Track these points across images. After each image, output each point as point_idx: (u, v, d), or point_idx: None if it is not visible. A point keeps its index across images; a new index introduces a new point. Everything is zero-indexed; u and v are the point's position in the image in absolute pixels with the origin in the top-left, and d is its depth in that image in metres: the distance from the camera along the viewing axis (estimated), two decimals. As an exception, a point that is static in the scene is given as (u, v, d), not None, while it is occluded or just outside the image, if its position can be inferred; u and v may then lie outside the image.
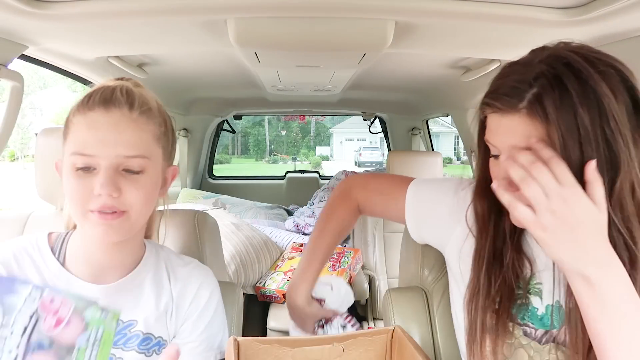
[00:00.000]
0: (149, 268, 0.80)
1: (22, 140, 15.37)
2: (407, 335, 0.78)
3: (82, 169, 0.67)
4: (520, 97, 0.60)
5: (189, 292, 0.81)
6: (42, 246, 0.76)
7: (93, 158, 0.67)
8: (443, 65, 1.66)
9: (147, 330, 0.76)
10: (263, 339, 0.74)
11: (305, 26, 1.08)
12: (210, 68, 1.85)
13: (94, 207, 0.67)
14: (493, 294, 0.72)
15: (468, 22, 1.04)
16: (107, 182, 0.66)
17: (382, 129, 3.59)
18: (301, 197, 3.32)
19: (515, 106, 0.60)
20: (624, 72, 0.60)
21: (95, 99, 0.69)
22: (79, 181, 0.67)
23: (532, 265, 0.73)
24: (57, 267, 0.74)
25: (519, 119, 0.60)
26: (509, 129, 0.62)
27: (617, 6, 0.84)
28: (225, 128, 3.48)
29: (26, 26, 1.01)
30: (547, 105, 0.58)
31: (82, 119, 0.68)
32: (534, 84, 0.59)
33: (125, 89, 0.72)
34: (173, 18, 1.04)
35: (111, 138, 0.67)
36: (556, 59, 0.60)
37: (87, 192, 0.67)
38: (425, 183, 0.91)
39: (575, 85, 0.58)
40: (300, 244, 2.16)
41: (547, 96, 0.58)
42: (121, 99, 0.69)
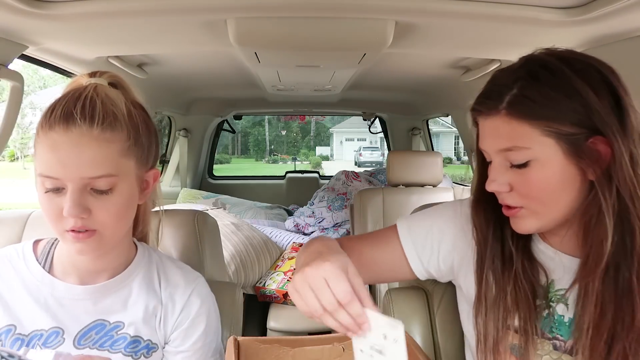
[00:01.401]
0: (139, 271, 0.79)
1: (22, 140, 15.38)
2: (407, 335, 0.77)
3: (51, 190, 0.65)
4: (500, 99, 0.63)
5: (180, 299, 0.79)
6: (27, 254, 0.76)
7: (59, 180, 0.64)
8: (443, 65, 1.66)
9: (135, 333, 0.75)
10: (263, 338, 0.73)
11: (305, 26, 1.08)
12: (210, 68, 1.85)
13: (67, 227, 0.65)
14: (509, 308, 0.70)
15: (468, 22, 1.04)
16: (73, 205, 0.63)
17: (382, 129, 3.59)
18: (301, 197, 3.32)
19: (495, 107, 0.63)
20: (604, 72, 0.62)
21: (55, 116, 0.65)
22: (50, 202, 0.65)
23: (547, 272, 0.71)
24: (40, 272, 0.74)
25: (500, 120, 0.63)
26: (493, 130, 0.65)
27: (617, 6, 0.84)
28: (225, 128, 3.49)
29: (26, 26, 1.01)
30: (525, 103, 0.61)
31: (44, 139, 0.65)
32: (513, 86, 0.62)
33: (89, 98, 0.66)
34: (173, 18, 1.04)
35: (72, 160, 0.64)
36: (534, 62, 0.64)
37: (58, 213, 0.65)
38: (413, 217, 0.85)
39: (551, 82, 0.61)
40: (300, 244, 2.16)
41: (524, 95, 0.61)
42: (81, 114, 0.64)
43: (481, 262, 0.75)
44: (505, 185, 0.66)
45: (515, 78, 0.63)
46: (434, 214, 0.84)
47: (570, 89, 0.61)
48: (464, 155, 16.04)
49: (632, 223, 0.60)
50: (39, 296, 0.73)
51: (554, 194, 0.64)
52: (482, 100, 0.66)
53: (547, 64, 0.63)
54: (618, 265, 0.62)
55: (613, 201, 0.61)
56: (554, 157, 0.62)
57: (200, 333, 0.80)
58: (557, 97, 0.61)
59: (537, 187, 0.64)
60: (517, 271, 0.71)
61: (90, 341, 0.73)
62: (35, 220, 0.97)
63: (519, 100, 0.62)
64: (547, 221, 0.66)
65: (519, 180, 0.65)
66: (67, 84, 0.73)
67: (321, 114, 3.84)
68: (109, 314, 0.75)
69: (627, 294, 0.61)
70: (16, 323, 0.71)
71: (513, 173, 0.65)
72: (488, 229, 0.74)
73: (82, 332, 0.73)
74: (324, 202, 2.80)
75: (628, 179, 0.60)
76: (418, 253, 0.80)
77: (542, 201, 0.64)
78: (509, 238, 0.73)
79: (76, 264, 0.74)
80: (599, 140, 0.61)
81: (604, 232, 0.61)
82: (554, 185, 0.63)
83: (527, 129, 0.61)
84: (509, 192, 0.66)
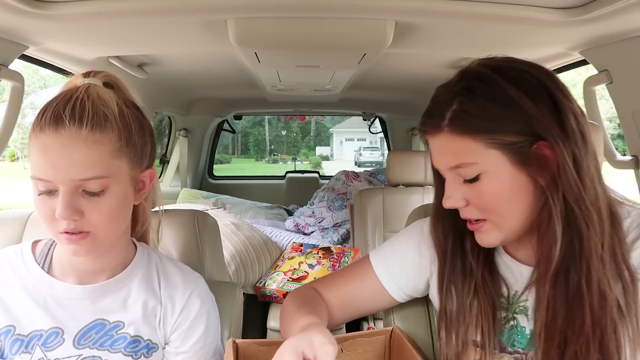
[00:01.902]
0: (138, 270, 0.79)
1: (22, 140, 15.38)
2: (405, 335, 0.78)
3: (44, 192, 0.65)
4: (442, 116, 0.64)
5: (179, 299, 0.79)
6: (26, 254, 0.76)
7: (51, 182, 0.64)
8: (443, 65, 1.66)
9: (135, 333, 0.75)
10: (261, 341, 0.74)
11: (305, 26, 1.08)
12: (210, 68, 1.85)
13: (60, 228, 0.65)
14: (470, 322, 0.71)
15: (468, 22, 1.04)
16: (65, 207, 0.63)
17: (382, 129, 3.59)
18: (301, 197, 3.32)
19: (438, 125, 0.64)
20: (539, 77, 0.62)
21: (46, 118, 0.64)
22: (43, 204, 0.66)
23: (509, 284, 0.71)
24: (39, 273, 0.74)
25: (444, 138, 0.64)
26: (440, 149, 0.66)
27: (617, 6, 0.84)
28: (225, 128, 3.48)
29: (26, 26, 1.01)
30: (465, 118, 0.62)
31: (35, 141, 0.64)
32: (452, 102, 0.63)
33: (80, 99, 0.65)
34: (173, 18, 1.05)
35: (62, 162, 0.63)
36: (469, 75, 0.65)
37: (51, 215, 0.65)
38: (383, 246, 0.87)
39: (487, 94, 0.61)
40: (300, 244, 2.16)
41: (463, 110, 0.62)
42: (70, 116, 0.64)
43: (442, 276, 0.76)
44: (461, 200, 0.66)
45: (453, 94, 0.64)
46: (403, 239, 0.85)
47: (506, 99, 0.61)
48: (464, 155, 15.90)
49: (580, 227, 0.60)
50: (38, 296, 0.73)
51: (508, 204, 0.64)
52: (425, 119, 0.67)
53: (482, 76, 0.63)
54: (568, 269, 0.62)
55: (560, 205, 0.61)
56: (501, 167, 0.62)
57: (200, 334, 0.80)
58: (495, 108, 0.61)
59: (491, 199, 0.64)
60: (477, 284, 0.71)
61: (90, 341, 0.73)
62: (35, 220, 0.97)
63: (459, 115, 0.62)
64: (508, 232, 0.66)
65: (473, 194, 0.65)
66: (63, 85, 0.72)
67: (321, 114, 3.84)
68: (108, 313, 0.75)
69: (577, 298, 0.61)
70: (15, 323, 0.71)
71: (467, 187, 0.65)
72: (447, 243, 0.75)
73: (81, 332, 0.73)
74: (324, 202, 2.79)
75: (572, 183, 0.60)
76: (396, 282, 0.82)
77: (498, 212, 0.65)
78: (469, 252, 0.73)
79: (74, 265, 0.74)
80: (544, 146, 0.61)
81: (554, 236, 0.61)
82: (506, 195, 0.63)
83: (471, 143, 0.62)
84: (466, 207, 0.67)
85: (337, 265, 1.94)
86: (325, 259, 1.99)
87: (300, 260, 2.00)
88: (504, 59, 0.66)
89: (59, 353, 0.71)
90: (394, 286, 0.83)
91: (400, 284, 0.83)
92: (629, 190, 1.20)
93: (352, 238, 2.38)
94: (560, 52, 1.19)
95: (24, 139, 7.40)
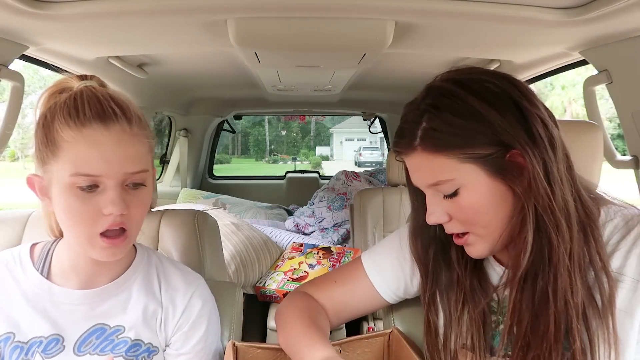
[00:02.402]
0: (138, 273, 0.78)
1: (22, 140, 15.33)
2: (404, 336, 0.78)
3: (86, 188, 0.64)
4: (413, 136, 0.64)
5: (180, 301, 0.79)
6: (24, 258, 0.74)
7: (98, 178, 0.64)
8: (443, 65, 1.65)
9: (135, 337, 0.75)
10: (261, 344, 0.74)
11: (305, 26, 1.08)
12: (210, 68, 1.85)
13: (104, 227, 0.65)
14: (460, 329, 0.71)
15: (468, 22, 1.04)
16: (118, 201, 0.64)
17: (382, 129, 3.59)
18: (301, 197, 3.32)
19: (411, 145, 0.65)
20: (502, 85, 0.62)
21: (87, 113, 0.64)
22: (84, 202, 0.64)
23: (497, 289, 0.71)
24: (38, 278, 0.72)
25: (418, 157, 0.65)
26: (416, 167, 0.67)
27: (617, 6, 0.84)
28: (225, 128, 3.48)
29: (26, 26, 1.01)
30: (435, 136, 0.62)
31: (78, 136, 0.63)
32: (421, 120, 0.63)
33: (112, 98, 0.67)
34: (173, 18, 1.04)
35: (115, 156, 0.64)
36: (434, 91, 0.65)
37: (93, 213, 0.64)
38: (375, 248, 0.87)
39: (452, 109, 0.61)
40: (300, 244, 2.16)
41: (432, 127, 0.62)
42: (117, 112, 0.66)
43: (424, 290, 0.76)
44: (444, 215, 0.66)
45: (421, 111, 0.64)
46: (393, 241, 0.85)
47: (471, 112, 0.61)
48: (464, 155, 15.90)
49: (549, 235, 0.60)
50: (37, 302, 0.72)
51: (489, 215, 0.64)
52: (398, 140, 0.68)
53: (445, 92, 0.63)
54: (536, 275, 0.62)
55: (533, 213, 0.61)
56: (478, 180, 0.62)
57: (200, 335, 0.80)
58: (461, 123, 0.61)
59: (472, 212, 0.64)
60: (466, 294, 0.71)
61: (91, 347, 0.72)
62: (35, 221, 0.97)
63: (429, 134, 0.63)
64: (493, 242, 0.66)
65: (454, 208, 0.65)
66: (53, 85, 0.70)
67: (321, 114, 3.84)
68: (108, 317, 0.74)
69: (543, 304, 0.61)
70: (15, 330, 0.70)
71: (447, 202, 0.65)
72: (427, 258, 0.76)
73: (82, 338, 0.72)
74: (324, 202, 2.79)
75: (542, 191, 0.60)
76: (388, 284, 0.83)
77: (480, 224, 0.65)
78: (455, 262, 0.73)
79: (77, 268, 0.73)
80: (516, 154, 0.61)
81: (525, 243, 0.62)
82: (486, 207, 0.63)
83: (445, 160, 0.62)
84: (450, 222, 0.67)
85: (337, 265, 1.93)
86: (325, 259, 1.99)
87: (300, 260, 2.00)
88: (466, 70, 0.66)
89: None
90: (386, 288, 0.83)
91: (391, 286, 0.83)
92: (629, 190, 1.20)
93: (352, 238, 2.38)
94: (560, 52, 1.19)
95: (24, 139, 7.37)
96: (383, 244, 0.87)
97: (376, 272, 0.83)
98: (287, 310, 0.81)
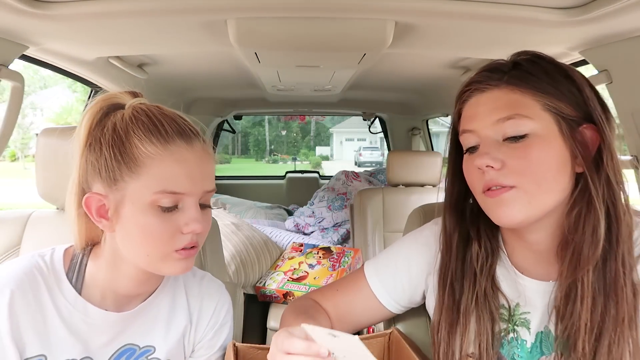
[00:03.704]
0: (168, 289, 0.76)
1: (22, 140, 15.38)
2: (404, 337, 0.78)
3: (167, 208, 0.62)
4: (502, 73, 0.64)
5: (207, 311, 0.78)
6: (58, 268, 0.68)
7: (181, 196, 0.62)
8: (443, 65, 1.66)
9: (166, 357, 0.73)
10: (260, 346, 0.74)
11: (305, 26, 1.08)
12: (210, 68, 1.85)
13: (182, 244, 0.64)
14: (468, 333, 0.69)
15: (468, 22, 1.04)
16: (199, 219, 0.64)
17: (382, 129, 3.59)
18: (301, 197, 3.32)
19: (499, 79, 0.64)
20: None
21: (168, 130, 0.62)
22: (165, 222, 0.62)
23: (508, 297, 0.70)
24: (73, 295, 0.67)
25: (501, 92, 0.64)
26: (492, 102, 0.64)
27: (617, 6, 0.84)
28: (225, 128, 3.49)
29: (26, 26, 1.01)
30: (528, 77, 0.63)
31: (164, 152, 0.61)
32: (517, 61, 0.65)
33: (179, 116, 0.67)
34: (173, 18, 1.04)
35: (198, 174, 0.64)
36: (524, 54, 0.66)
37: (173, 232, 0.63)
38: (379, 257, 0.85)
39: (549, 65, 0.64)
40: (300, 244, 2.16)
41: (527, 70, 0.63)
42: (194, 130, 0.66)
43: (444, 271, 0.74)
44: (498, 161, 0.61)
45: (513, 61, 0.66)
46: (397, 250, 0.84)
47: (566, 73, 0.63)
48: (464, 155, 15.91)
49: (618, 212, 0.61)
50: (71, 322, 0.67)
51: (550, 174, 0.61)
52: (486, 73, 0.66)
53: (542, 55, 0.65)
54: (605, 257, 0.61)
55: (603, 189, 0.60)
56: (552, 134, 0.61)
57: (223, 340, 0.80)
58: (557, 77, 0.62)
59: (535, 163, 0.60)
60: (478, 295, 0.69)
61: None
62: (35, 221, 0.97)
63: (522, 74, 0.63)
64: (536, 207, 0.62)
65: (515, 154, 0.61)
66: (101, 100, 0.66)
67: (321, 114, 3.84)
68: (138, 337, 0.72)
69: (614, 286, 0.60)
70: (47, 353, 0.65)
71: (507, 148, 0.62)
72: (454, 235, 0.73)
73: (111, 359, 0.70)
74: (324, 202, 2.80)
75: (615, 167, 0.61)
76: (390, 294, 0.81)
77: (537, 180, 0.61)
78: (474, 259, 0.71)
79: (118, 290, 0.69)
80: (589, 129, 0.62)
81: (596, 220, 0.60)
82: (550, 164, 0.61)
83: (529, 100, 0.62)
84: (499, 170, 0.62)
85: (337, 265, 1.93)
86: (325, 259, 1.99)
87: (300, 260, 2.00)
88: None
89: None
90: (389, 299, 0.81)
91: (395, 297, 0.81)
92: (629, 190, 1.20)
93: (352, 238, 2.38)
94: (560, 52, 1.19)
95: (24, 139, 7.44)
96: (387, 252, 0.85)
97: (379, 282, 0.81)
98: (287, 311, 0.82)
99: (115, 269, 0.68)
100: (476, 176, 0.65)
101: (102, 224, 0.65)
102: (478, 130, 0.65)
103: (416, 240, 0.83)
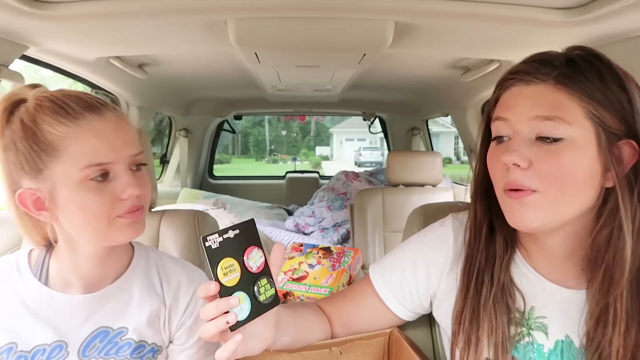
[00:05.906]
0: (138, 273, 0.78)
1: (22, 140, 15.31)
2: (404, 336, 0.77)
3: (99, 178, 0.64)
4: (553, 67, 0.59)
5: (184, 298, 0.79)
6: (22, 266, 0.72)
7: (108, 165, 0.64)
8: (443, 65, 1.66)
9: (139, 338, 0.74)
10: None
11: (305, 26, 1.08)
12: (210, 68, 1.85)
13: (124, 209, 0.66)
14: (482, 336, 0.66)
15: (468, 22, 1.04)
16: (134, 182, 0.66)
17: (382, 129, 3.59)
18: (301, 197, 3.32)
19: (548, 74, 0.59)
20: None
21: (74, 107, 0.64)
22: (99, 192, 0.64)
23: (526, 298, 0.67)
24: (37, 286, 0.71)
25: (546, 88, 0.59)
26: (534, 97, 0.60)
27: (617, 6, 0.84)
28: (225, 128, 3.49)
29: (27, 27, 1.01)
30: (578, 78, 0.58)
31: (76, 128, 0.63)
32: (564, 60, 0.60)
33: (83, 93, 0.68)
34: (173, 18, 1.05)
35: (117, 140, 0.65)
36: (581, 49, 0.62)
37: (111, 200, 0.65)
38: (384, 262, 0.83)
39: (604, 68, 0.59)
40: (300, 244, 2.16)
41: (579, 70, 0.58)
42: (102, 102, 0.67)
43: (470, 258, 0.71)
44: (525, 160, 0.59)
45: (566, 56, 0.60)
46: (402, 253, 0.81)
47: (620, 81, 0.58)
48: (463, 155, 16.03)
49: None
50: (38, 310, 0.70)
51: (576, 185, 0.58)
52: (535, 64, 0.61)
53: (598, 55, 0.60)
54: (639, 279, 0.58)
55: (634, 210, 0.57)
56: (589, 144, 0.57)
57: None
58: (610, 83, 0.57)
59: (564, 170, 0.57)
60: (496, 288, 0.67)
61: (95, 350, 0.72)
62: (35, 221, 0.97)
63: (573, 73, 0.58)
64: (554, 216, 0.60)
65: (545, 157, 0.58)
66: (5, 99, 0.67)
67: (321, 114, 3.84)
68: (111, 320, 0.74)
69: None
70: (16, 340, 0.69)
71: (538, 149, 0.59)
72: (483, 223, 0.70)
73: (85, 342, 0.72)
74: (324, 202, 2.80)
75: None
76: (399, 300, 0.79)
77: (561, 188, 0.58)
78: (498, 250, 0.69)
79: (82, 273, 0.72)
80: (628, 145, 0.58)
81: (624, 243, 0.58)
82: (579, 174, 0.58)
83: (573, 105, 0.57)
84: (524, 170, 0.59)
85: (337, 265, 1.93)
86: (325, 259, 1.99)
87: (300, 260, 1.99)
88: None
89: None
90: (400, 307, 0.79)
91: (404, 303, 0.79)
92: None
93: (352, 238, 2.38)
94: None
95: (24, 139, 7.34)
96: (393, 256, 0.82)
97: (387, 288, 0.79)
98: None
99: (73, 254, 0.71)
100: (500, 171, 0.63)
101: (43, 215, 0.67)
102: (513, 121, 0.61)
103: (420, 242, 0.81)
